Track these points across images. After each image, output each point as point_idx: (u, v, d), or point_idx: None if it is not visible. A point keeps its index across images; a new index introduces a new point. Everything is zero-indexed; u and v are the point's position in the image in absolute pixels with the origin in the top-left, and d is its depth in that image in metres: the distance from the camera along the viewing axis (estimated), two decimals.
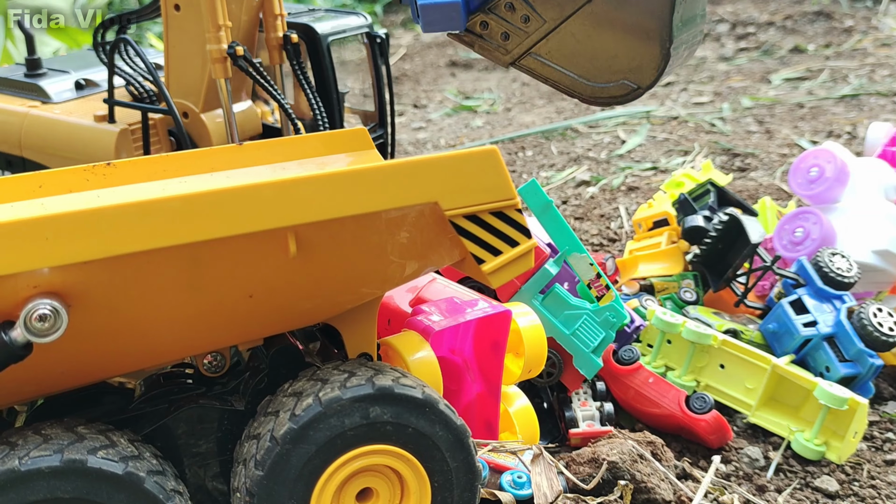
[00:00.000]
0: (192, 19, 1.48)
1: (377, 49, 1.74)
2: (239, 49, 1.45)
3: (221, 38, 1.44)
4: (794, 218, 1.66)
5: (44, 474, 0.74)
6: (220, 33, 1.44)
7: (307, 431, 0.82)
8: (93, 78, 1.76)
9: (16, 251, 0.70)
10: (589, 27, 1.03)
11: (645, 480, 1.17)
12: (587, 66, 1.06)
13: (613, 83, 1.06)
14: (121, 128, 1.59)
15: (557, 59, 1.07)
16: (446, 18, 1.06)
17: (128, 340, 0.82)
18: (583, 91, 1.08)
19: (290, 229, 0.78)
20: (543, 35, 1.05)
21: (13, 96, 1.73)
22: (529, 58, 1.08)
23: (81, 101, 1.68)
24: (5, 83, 1.76)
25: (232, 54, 1.45)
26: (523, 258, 0.88)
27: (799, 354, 1.48)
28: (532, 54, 1.08)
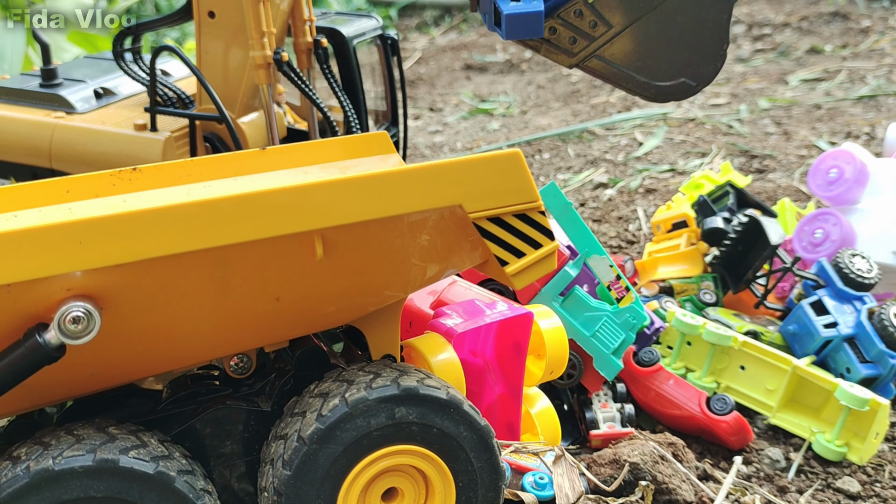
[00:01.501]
0: (227, 25, 1.50)
1: (389, 50, 1.77)
2: (284, 55, 1.47)
3: (265, 45, 1.46)
4: (814, 219, 1.65)
5: (77, 474, 0.76)
6: (263, 40, 1.46)
7: (334, 431, 0.83)
8: (108, 86, 1.76)
9: (50, 255, 0.71)
10: (652, 31, 1.11)
11: (666, 481, 1.18)
12: (649, 67, 1.14)
13: (674, 82, 1.14)
14: (166, 136, 1.59)
15: (621, 60, 1.14)
16: (529, 26, 1.11)
17: (157, 342, 0.83)
18: (644, 90, 1.16)
19: (317, 232, 0.79)
20: (609, 39, 1.12)
21: (33, 107, 1.70)
22: (594, 60, 1.15)
23: (104, 109, 1.69)
24: (22, 94, 1.72)
25: (278, 60, 1.47)
26: (546, 260, 0.89)
27: (819, 356, 1.48)
28: (597, 56, 1.15)
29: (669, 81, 1.14)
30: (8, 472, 0.76)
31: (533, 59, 4.55)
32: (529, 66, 4.43)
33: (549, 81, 4.00)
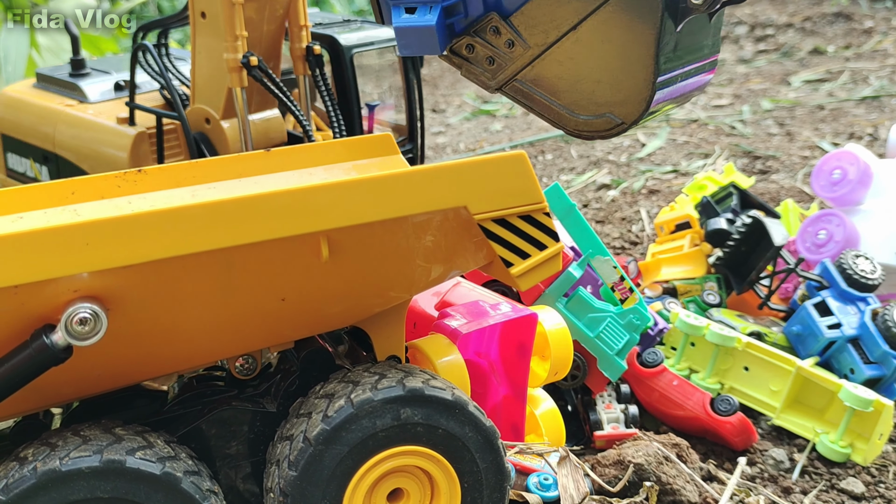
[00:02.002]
0: (216, 27, 1.50)
1: (409, 62, 1.76)
2: (253, 59, 1.46)
3: (238, 48, 1.46)
4: (817, 220, 1.66)
5: (84, 474, 0.76)
6: (236, 43, 1.46)
7: (339, 432, 0.83)
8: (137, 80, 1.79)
9: (57, 256, 0.71)
10: (574, 56, 0.97)
11: (670, 482, 1.18)
12: (572, 96, 1.00)
13: (597, 116, 0.98)
14: (138, 131, 1.62)
15: (543, 87, 1.00)
16: (422, 42, 1.01)
17: (163, 343, 0.83)
18: (567, 123, 1.01)
19: (323, 234, 0.80)
20: (528, 61, 0.99)
21: (56, 94, 1.79)
22: (515, 84, 1.01)
23: (113, 102, 1.71)
24: (51, 81, 1.83)
25: (246, 64, 1.46)
26: (551, 261, 0.89)
27: (823, 357, 1.48)
28: (518, 81, 1.01)
29: (592, 116, 0.98)
30: (15, 473, 0.76)
31: None
32: None
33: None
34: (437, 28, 0.99)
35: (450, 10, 0.99)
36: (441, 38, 1.00)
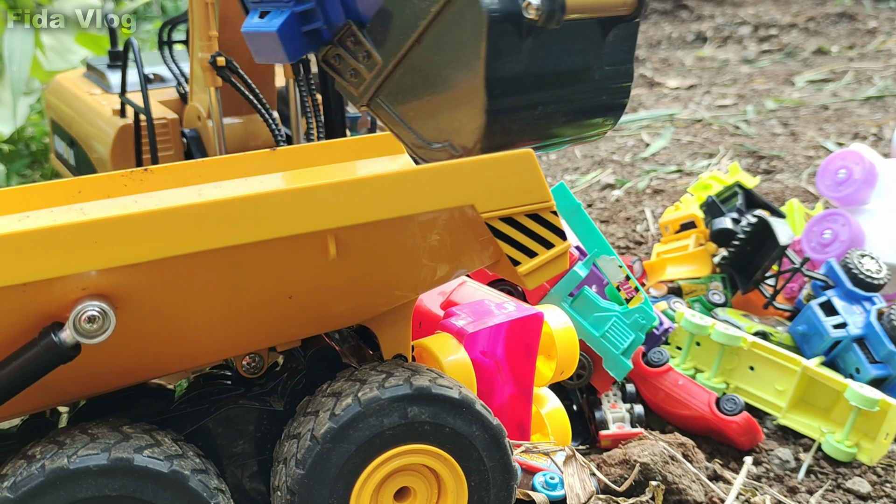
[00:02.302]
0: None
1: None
2: (220, 59, 1.46)
3: (210, 48, 1.47)
4: (823, 220, 1.65)
5: (92, 472, 0.76)
6: (209, 42, 1.46)
7: (347, 431, 0.83)
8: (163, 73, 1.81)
9: (66, 254, 0.71)
10: (418, 75, 0.87)
11: (676, 482, 1.18)
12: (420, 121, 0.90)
13: (441, 145, 0.88)
14: (122, 124, 1.63)
15: (397, 108, 0.91)
16: (270, 49, 0.93)
17: (171, 341, 0.83)
18: (416, 151, 0.91)
19: (330, 232, 0.80)
20: (384, 77, 0.90)
21: (90, 83, 1.85)
22: (378, 101, 0.92)
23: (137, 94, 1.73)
24: (93, 70, 1.90)
25: (213, 63, 1.46)
26: (558, 260, 0.89)
27: (829, 356, 1.48)
28: (380, 98, 0.92)
29: (437, 143, 0.88)
30: (23, 471, 0.76)
31: None
32: None
33: None
34: (281, 35, 0.91)
35: (306, 17, 0.92)
36: (293, 45, 0.92)
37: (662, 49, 4.48)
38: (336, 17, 0.91)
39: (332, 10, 0.91)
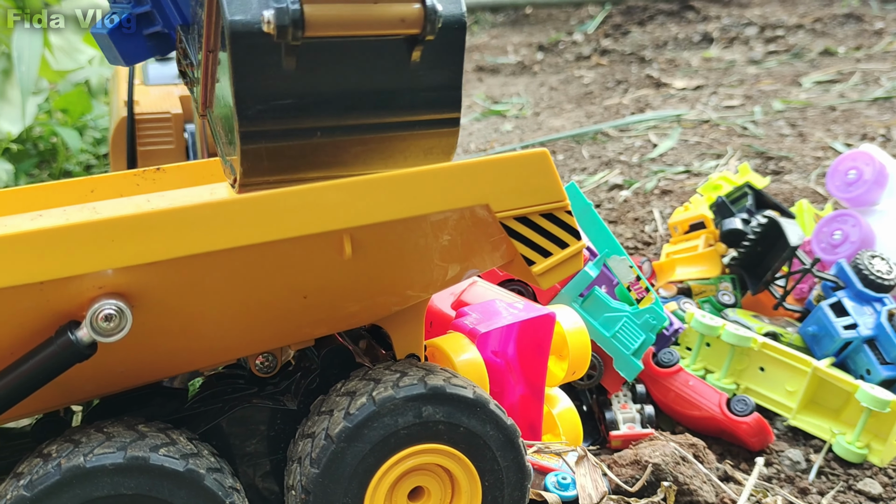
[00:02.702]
0: None
1: None
2: None
3: None
4: (833, 220, 1.65)
5: (108, 471, 0.76)
6: None
7: (362, 430, 0.83)
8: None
9: (83, 253, 0.71)
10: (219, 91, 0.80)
11: (687, 482, 1.17)
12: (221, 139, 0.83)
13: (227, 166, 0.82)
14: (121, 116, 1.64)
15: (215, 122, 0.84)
16: (108, 50, 0.90)
17: (187, 340, 0.83)
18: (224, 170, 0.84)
19: (346, 231, 0.79)
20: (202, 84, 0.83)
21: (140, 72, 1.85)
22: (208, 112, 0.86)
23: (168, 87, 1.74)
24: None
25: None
26: (573, 260, 0.89)
27: (839, 357, 1.47)
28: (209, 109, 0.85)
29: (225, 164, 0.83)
30: (39, 470, 0.76)
31: (545, 60, 4.56)
32: (541, 67, 4.44)
33: (562, 83, 4.00)
34: (113, 36, 0.88)
35: (145, 20, 0.88)
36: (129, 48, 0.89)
37: (668, 50, 4.47)
38: (174, 20, 0.88)
39: (169, 14, 0.87)
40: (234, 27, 0.70)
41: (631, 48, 4.50)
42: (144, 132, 1.63)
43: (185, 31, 0.87)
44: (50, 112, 2.81)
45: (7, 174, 2.41)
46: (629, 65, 4.21)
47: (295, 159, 0.78)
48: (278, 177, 0.79)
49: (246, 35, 0.70)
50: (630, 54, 4.38)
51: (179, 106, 1.68)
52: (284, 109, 0.75)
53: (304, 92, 0.75)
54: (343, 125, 0.78)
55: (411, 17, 0.72)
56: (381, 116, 0.79)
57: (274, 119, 0.75)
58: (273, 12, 0.69)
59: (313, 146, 0.78)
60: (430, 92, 0.80)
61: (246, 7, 0.70)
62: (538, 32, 5.25)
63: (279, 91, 0.74)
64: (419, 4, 0.73)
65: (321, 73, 0.74)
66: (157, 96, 1.67)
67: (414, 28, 0.73)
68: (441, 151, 0.84)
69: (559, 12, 5.60)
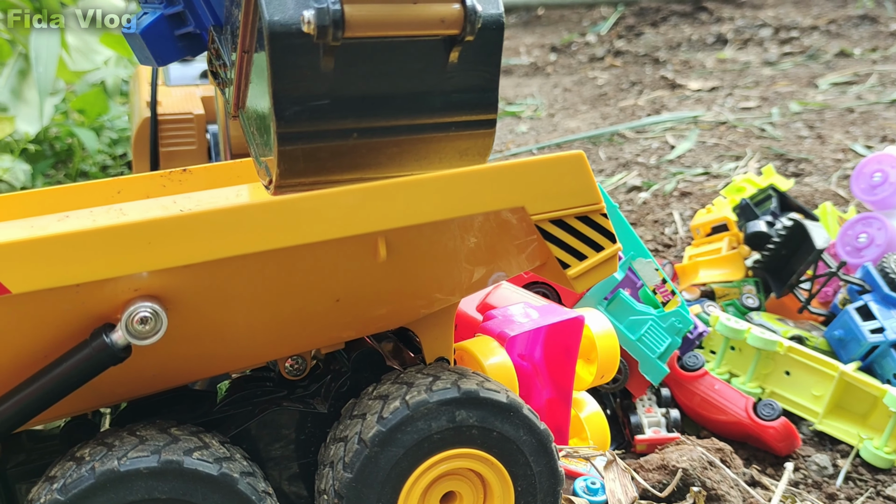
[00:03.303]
0: None
1: None
2: None
3: None
4: (858, 223, 1.64)
5: (142, 475, 0.75)
6: None
7: (395, 434, 0.82)
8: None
9: (119, 255, 0.71)
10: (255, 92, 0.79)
11: (715, 487, 1.16)
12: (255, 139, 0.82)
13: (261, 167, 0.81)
14: (144, 116, 1.64)
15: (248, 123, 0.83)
16: (139, 51, 0.89)
17: (220, 343, 0.83)
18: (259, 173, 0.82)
19: (381, 234, 0.79)
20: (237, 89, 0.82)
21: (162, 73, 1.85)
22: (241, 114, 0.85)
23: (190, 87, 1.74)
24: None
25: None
26: (608, 263, 0.88)
27: (865, 361, 1.46)
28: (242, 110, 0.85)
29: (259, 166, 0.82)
30: (73, 473, 0.75)
31: (558, 61, 4.55)
32: (555, 68, 4.43)
33: (576, 84, 3.99)
34: (146, 37, 0.87)
35: (177, 20, 0.88)
36: (162, 49, 0.88)
37: (682, 51, 4.45)
38: (206, 21, 0.87)
39: (202, 14, 0.87)
40: (272, 27, 0.69)
41: (645, 49, 4.49)
42: (167, 133, 1.63)
43: (217, 31, 0.87)
44: (67, 113, 2.81)
45: (24, 174, 2.41)
46: (643, 66, 4.19)
47: (331, 160, 0.77)
48: (314, 178, 0.78)
49: (284, 35, 0.69)
50: (644, 55, 4.36)
51: (201, 107, 1.67)
52: (321, 110, 0.74)
53: (341, 93, 0.74)
54: (379, 126, 0.77)
55: (451, 17, 0.71)
56: (416, 117, 0.77)
57: (311, 120, 0.74)
58: (314, 12, 0.67)
59: (349, 147, 0.77)
60: (467, 93, 0.78)
61: (284, 7, 0.69)
62: (551, 33, 5.24)
63: (316, 92, 0.73)
64: (459, 4, 0.72)
65: (358, 74, 0.73)
66: (180, 97, 1.67)
67: (454, 28, 0.72)
68: (476, 153, 0.83)
69: (571, 13, 5.58)
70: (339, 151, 0.77)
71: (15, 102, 2.58)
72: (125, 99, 2.86)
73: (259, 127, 0.81)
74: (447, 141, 0.80)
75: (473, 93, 0.78)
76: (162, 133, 1.64)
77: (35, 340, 0.75)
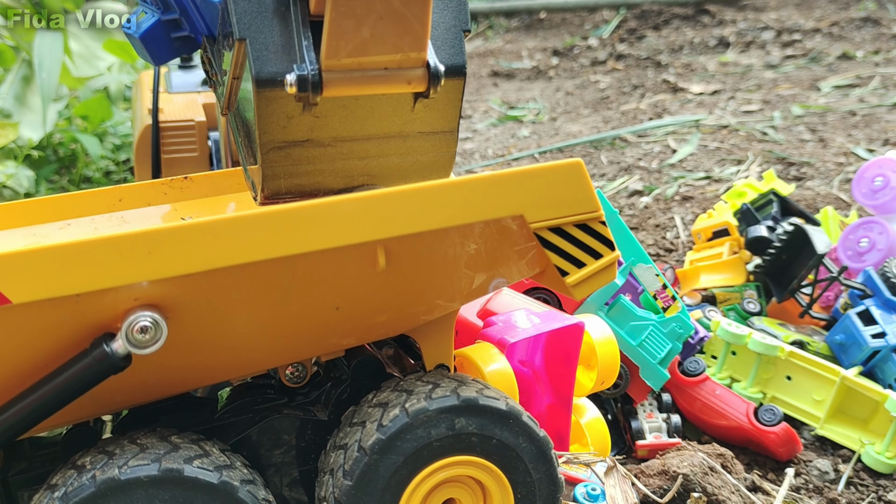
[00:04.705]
0: None
1: None
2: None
3: None
4: (859, 228, 1.64)
5: (143, 483, 0.75)
6: None
7: (395, 442, 0.82)
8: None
9: (120, 265, 0.71)
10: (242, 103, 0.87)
11: (716, 493, 1.16)
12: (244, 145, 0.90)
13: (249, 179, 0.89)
14: (146, 123, 1.65)
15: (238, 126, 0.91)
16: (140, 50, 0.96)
17: (220, 351, 0.83)
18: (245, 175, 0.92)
19: (380, 243, 0.79)
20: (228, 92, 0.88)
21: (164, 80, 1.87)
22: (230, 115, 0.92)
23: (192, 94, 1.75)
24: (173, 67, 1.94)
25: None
26: (606, 270, 0.88)
27: (867, 366, 1.46)
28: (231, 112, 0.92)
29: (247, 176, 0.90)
30: (74, 482, 0.76)
31: (560, 65, 4.55)
32: (557, 72, 4.43)
33: (578, 88, 4.00)
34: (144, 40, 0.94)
35: (173, 25, 0.94)
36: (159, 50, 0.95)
37: (684, 54, 4.46)
38: (201, 28, 0.94)
39: (196, 22, 0.94)
40: (259, 77, 0.78)
41: (646, 53, 4.49)
42: (168, 140, 1.63)
43: (210, 43, 0.93)
44: (70, 119, 2.82)
45: (28, 180, 2.42)
46: (645, 69, 4.19)
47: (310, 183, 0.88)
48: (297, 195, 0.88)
49: (269, 84, 0.78)
50: (646, 59, 4.37)
51: (203, 114, 1.68)
52: (301, 147, 0.84)
53: (318, 135, 0.84)
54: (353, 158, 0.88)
55: (416, 79, 0.80)
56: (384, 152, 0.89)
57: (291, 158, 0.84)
58: (295, 77, 0.76)
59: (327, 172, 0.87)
60: (429, 134, 0.89)
61: (271, 63, 0.78)
62: (552, 37, 5.24)
63: (297, 135, 0.83)
64: (423, 69, 0.80)
65: (334, 119, 0.84)
66: (181, 104, 1.68)
67: (419, 87, 0.81)
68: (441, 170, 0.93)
69: (573, 17, 5.59)
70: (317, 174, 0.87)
71: (18, 108, 2.59)
72: (128, 105, 2.87)
73: (246, 133, 0.88)
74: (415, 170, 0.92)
75: (436, 132, 0.89)
76: (164, 140, 1.64)
77: (36, 350, 0.75)
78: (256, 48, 0.77)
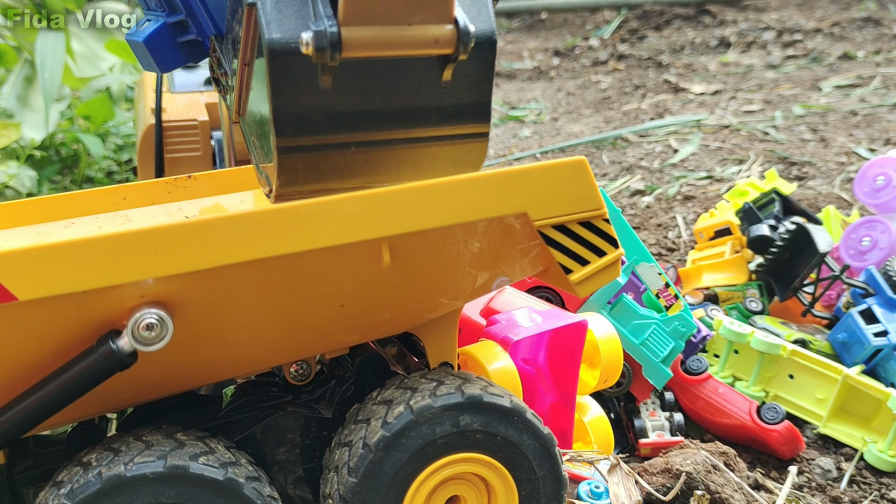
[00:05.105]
0: None
1: None
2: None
3: None
4: (861, 226, 1.64)
5: (148, 480, 0.76)
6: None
7: (399, 439, 0.83)
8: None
9: (125, 262, 0.71)
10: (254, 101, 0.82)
11: (719, 491, 1.16)
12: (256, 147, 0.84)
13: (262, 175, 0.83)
14: (149, 123, 1.65)
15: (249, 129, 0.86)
16: (143, 57, 0.91)
17: (225, 349, 0.83)
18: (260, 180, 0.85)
19: (385, 240, 0.79)
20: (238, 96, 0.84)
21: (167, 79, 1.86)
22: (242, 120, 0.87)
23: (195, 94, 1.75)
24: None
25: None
26: (610, 268, 0.89)
27: (869, 365, 1.46)
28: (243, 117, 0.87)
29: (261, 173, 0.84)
30: (80, 479, 0.76)
31: (561, 65, 4.55)
32: (558, 72, 4.43)
33: (579, 88, 4.00)
34: (149, 45, 0.89)
35: (179, 28, 0.89)
36: (165, 56, 0.90)
37: (686, 55, 4.46)
38: (208, 30, 0.89)
39: (203, 23, 0.88)
40: (272, 46, 0.70)
41: (648, 53, 4.49)
42: (172, 139, 1.64)
43: (218, 41, 0.89)
44: (72, 119, 2.82)
45: (30, 180, 2.42)
46: (646, 70, 4.20)
47: (329, 171, 0.79)
48: (313, 187, 0.80)
49: (284, 53, 0.71)
50: (647, 59, 4.37)
51: (206, 113, 1.68)
52: (319, 125, 0.75)
53: (338, 108, 0.75)
54: (375, 139, 0.79)
55: (445, 38, 0.73)
56: (412, 130, 0.79)
57: (309, 134, 0.75)
58: (312, 35, 0.69)
59: (347, 158, 0.79)
60: (461, 107, 0.79)
61: (283, 27, 0.71)
62: (554, 37, 5.25)
63: (315, 108, 0.75)
64: (452, 26, 0.73)
65: (355, 90, 0.75)
66: (184, 104, 1.68)
67: (447, 48, 0.73)
68: (470, 163, 0.84)
69: (574, 17, 5.59)
70: (337, 162, 0.79)
71: (21, 109, 2.59)
72: (130, 105, 2.87)
73: (259, 134, 0.82)
74: (442, 151, 0.82)
75: (467, 106, 0.80)
76: (167, 139, 1.64)
77: (42, 347, 0.75)
78: (268, 11, 0.71)
